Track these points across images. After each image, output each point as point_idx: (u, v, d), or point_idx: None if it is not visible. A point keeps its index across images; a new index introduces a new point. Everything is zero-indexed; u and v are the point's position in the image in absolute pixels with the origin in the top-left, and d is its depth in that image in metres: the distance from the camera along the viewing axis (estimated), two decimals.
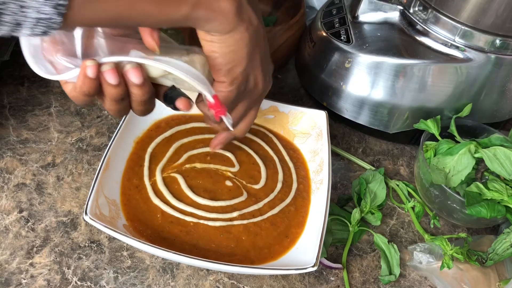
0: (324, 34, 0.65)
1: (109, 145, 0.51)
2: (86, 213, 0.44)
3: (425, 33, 0.60)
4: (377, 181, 0.59)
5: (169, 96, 0.41)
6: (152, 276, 0.49)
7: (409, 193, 0.61)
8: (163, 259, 0.50)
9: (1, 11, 0.27)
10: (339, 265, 0.52)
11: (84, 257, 0.50)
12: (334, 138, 0.67)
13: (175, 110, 0.41)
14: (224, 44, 0.38)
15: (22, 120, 0.62)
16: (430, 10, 0.59)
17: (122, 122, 0.54)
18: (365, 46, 0.61)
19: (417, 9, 0.61)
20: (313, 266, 0.44)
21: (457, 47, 0.58)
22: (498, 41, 0.57)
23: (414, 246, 0.54)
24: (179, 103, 0.40)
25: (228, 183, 0.54)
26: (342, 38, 0.63)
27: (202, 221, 0.50)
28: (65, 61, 0.37)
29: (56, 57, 0.37)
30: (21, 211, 0.53)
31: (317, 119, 0.60)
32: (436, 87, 0.59)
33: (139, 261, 0.50)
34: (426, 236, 0.55)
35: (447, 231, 0.58)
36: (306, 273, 0.51)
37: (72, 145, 0.60)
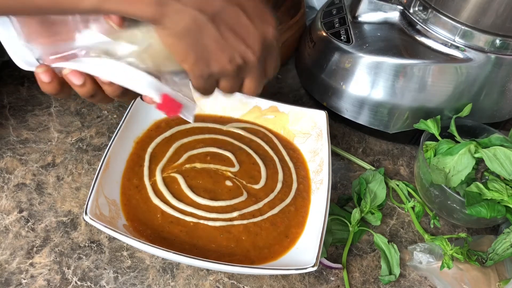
0: (324, 34, 0.65)
1: (109, 145, 0.51)
2: (86, 213, 0.44)
3: (425, 33, 0.60)
4: (377, 181, 0.59)
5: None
6: (152, 276, 0.49)
7: (409, 193, 0.61)
8: (163, 259, 0.50)
9: None
10: (339, 265, 0.52)
11: (84, 257, 0.50)
12: (334, 138, 0.67)
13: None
14: (164, 32, 0.34)
15: (22, 120, 0.62)
16: (430, 10, 0.59)
17: (122, 122, 0.54)
18: (365, 46, 0.61)
19: (417, 9, 0.61)
20: (313, 266, 0.44)
21: (457, 47, 0.58)
22: (498, 41, 0.57)
23: (414, 246, 0.54)
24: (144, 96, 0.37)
25: (228, 183, 0.54)
26: (342, 38, 0.63)
27: (202, 221, 0.50)
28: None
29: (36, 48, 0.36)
30: (21, 211, 0.53)
31: (317, 119, 0.60)
32: (436, 87, 0.59)
33: (139, 261, 0.50)
34: (426, 236, 0.55)
35: (447, 231, 0.58)
36: (306, 273, 0.51)
37: (72, 145, 0.60)
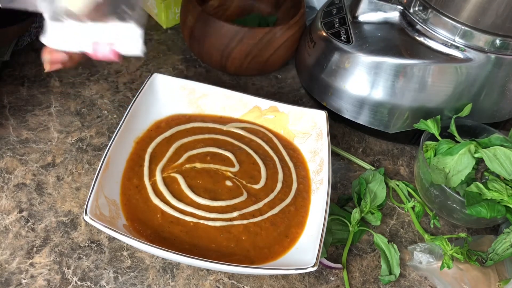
0: (324, 34, 0.65)
1: (109, 145, 0.51)
2: (86, 213, 0.44)
3: (425, 33, 0.60)
4: (377, 181, 0.59)
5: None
6: (152, 276, 0.49)
7: (409, 193, 0.61)
8: (163, 259, 0.50)
9: None
10: (339, 265, 0.52)
11: (84, 257, 0.50)
12: (334, 138, 0.67)
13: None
14: None
15: (22, 120, 0.62)
16: (430, 10, 0.59)
17: (122, 122, 0.54)
18: (365, 46, 0.61)
19: (417, 9, 0.61)
20: (313, 266, 0.44)
21: (457, 47, 0.58)
22: (498, 41, 0.57)
23: (414, 246, 0.54)
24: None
25: (228, 183, 0.54)
26: (342, 38, 0.63)
27: (202, 221, 0.50)
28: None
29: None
30: (21, 211, 0.53)
31: (317, 119, 0.60)
32: (436, 87, 0.59)
33: (139, 261, 0.50)
34: (426, 236, 0.55)
35: (447, 231, 0.58)
36: (306, 273, 0.51)
37: (72, 145, 0.60)
